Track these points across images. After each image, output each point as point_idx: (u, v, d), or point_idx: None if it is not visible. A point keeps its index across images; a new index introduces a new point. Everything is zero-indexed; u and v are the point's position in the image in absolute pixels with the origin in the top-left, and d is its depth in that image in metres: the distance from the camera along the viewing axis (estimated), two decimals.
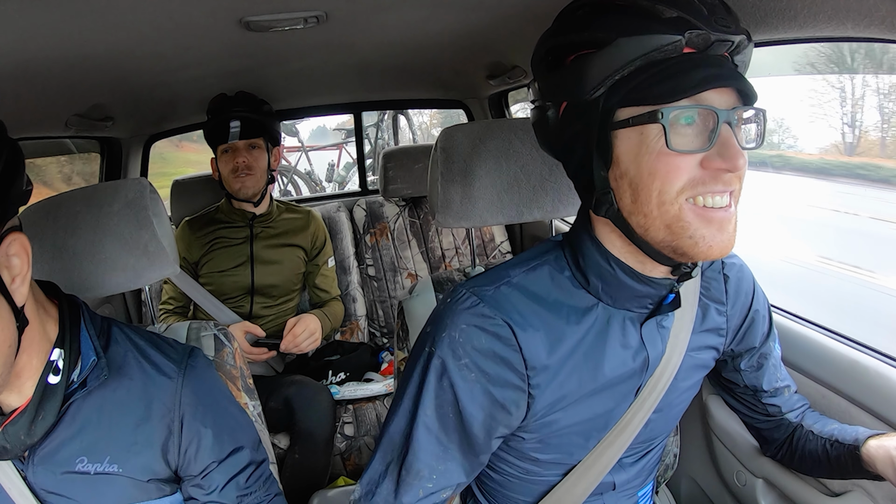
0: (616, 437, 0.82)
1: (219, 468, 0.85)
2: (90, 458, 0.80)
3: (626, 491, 0.92)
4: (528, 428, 0.80)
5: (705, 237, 0.67)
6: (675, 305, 0.78)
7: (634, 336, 0.79)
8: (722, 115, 0.65)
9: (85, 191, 1.06)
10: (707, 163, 0.65)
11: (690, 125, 0.65)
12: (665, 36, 0.64)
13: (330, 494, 1.59)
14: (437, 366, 0.75)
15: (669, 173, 0.65)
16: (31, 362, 0.74)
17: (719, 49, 0.66)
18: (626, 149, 0.68)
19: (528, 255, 0.82)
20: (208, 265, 1.90)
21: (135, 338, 0.86)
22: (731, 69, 0.66)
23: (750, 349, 0.93)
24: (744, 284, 0.91)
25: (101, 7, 0.92)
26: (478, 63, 1.88)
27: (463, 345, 0.74)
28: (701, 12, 0.64)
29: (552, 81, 0.73)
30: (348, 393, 2.03)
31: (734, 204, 0.68)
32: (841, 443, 0.88)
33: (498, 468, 0.88)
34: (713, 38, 0.64)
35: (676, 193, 0.66)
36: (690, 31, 0.64)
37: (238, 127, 1.78)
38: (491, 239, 2.45)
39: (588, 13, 0.69)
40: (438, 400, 0.76)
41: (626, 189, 0.69)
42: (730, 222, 0.68)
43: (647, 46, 0.64)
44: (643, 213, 0.68)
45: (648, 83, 0.65)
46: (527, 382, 0.76)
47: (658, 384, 0.81)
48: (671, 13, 0.64)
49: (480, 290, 0.77)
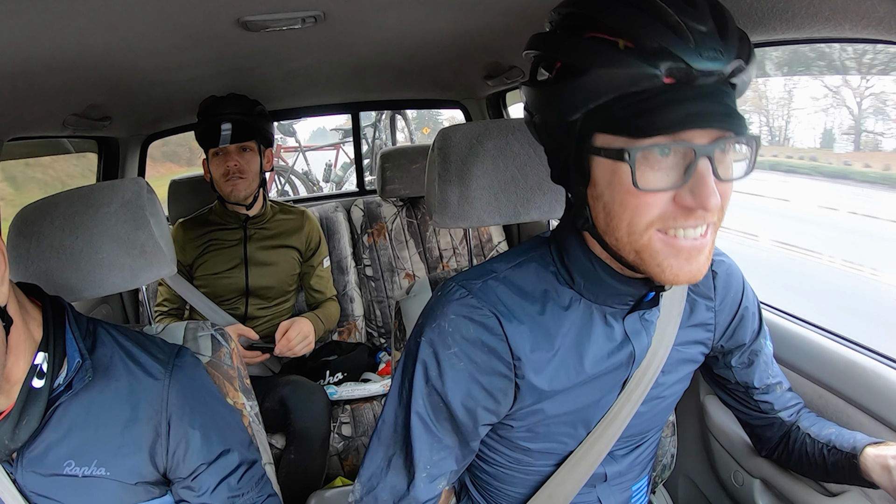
0: (605, 428, 0.84)
1: (208, 470, 0.84)
2: (78, 461, 0.79)
3: (618, 484, 0.92)
4: (516, 416, 0.81)
5: (672, 266, 0.66)
6: (653, 303, 0.79)
7: (619, 329, 0.80)
8: (700, 150, 0.61)
9: (82, 190, 1.06)
10: (679, 199, 0.63)
11: (666, 157, 0.63)
12: (642, 69, 0.60)
13: (327, 495, 1.58)
14: (428, 355, 0.77)
15: (639, 208, 0.64)
16: (18, 363, 0.74)
17: (706, 80, 0.61)
18: (601, 174, 0.67)
19: (515, 251, 0.84)
20: (202, 267, 1.89)
21: (121, 339, 0.86)
22: (720, 102, 0.62)
23: (740, 346, 0.94)
24: (733, 281, 0.91)
25: (98, 7, 0.91)
26: (475, 63, 1.88)
27: (452, 334, 0.76)
28: (686, 42, 0.59)
29: (533, 94, 0.72)
30: (346, 393, 2.02)
31: (711, 233, 0.67)
32: (838, 449, 0.88)
33: (490, 459, 0.89)
34: (696, 73, 0.60)
35: (646, 226, 0.65)
36: (670, 65, 0.59)
37: (229, 130, 1.75)
38: (488, 239, 2.45)
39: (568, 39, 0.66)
40: (429, 388, 0.78)
41: (601, 211, 0.69)
42: (701, 252, 0.66)
43: (623, 79, 0.61)
44: (615, 237, 0.69)
45: (624, 115, 0.62)
46: (513, 371, 0.78)
47: (644, 377, 0.83)
48: (652, 44, 0.60)
49: (469, 282, 0.79)
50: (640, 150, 0.61)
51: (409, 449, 0.78)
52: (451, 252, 2.46)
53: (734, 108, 0.63)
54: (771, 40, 0.94)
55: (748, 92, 0.71)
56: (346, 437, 1.96)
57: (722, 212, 0.67)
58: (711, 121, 0.61)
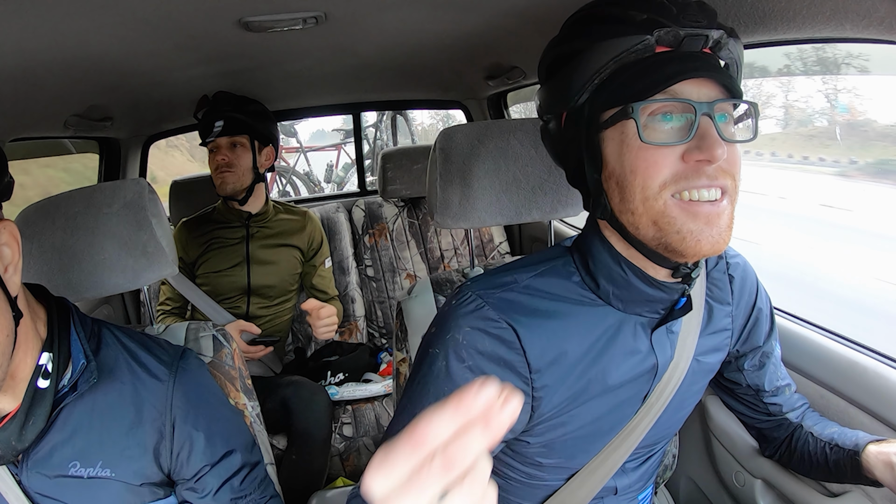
0: (621, 442, 0.82)
1: (212, 471, 0.84)
2: (83, 462, 0.79)
3: (627, 495, 0.91)
4: (533, 432, 0.79)
5: (692, 232, 0.66)
6: (686, 310, 0.77)
7: (644, 342, 0.78)
8: (699, 107, 0.65)
9: (83, 191, 1.06)
10: (687, 156, 0.66)
11: (669, 121, 0.67)
12: (634, 37, 0.66)
13: (329, 495, 1.58)
14: (441, 367, 0.74)
15: (649, 168, 0.66)
16: (25, 360, 0.74)
17: (694, 45, 0.67)
18: (611, 149, 0.70)
19: (535, 258, 0.82)
20: (205, 266, 1.90)
21: (125, 340, 0.86)
22: (710, 63, 0.67)
23: (754, 349, 0.93)
24: (748, 283, 0.90)
25: (99, 7, 0.91)
26: (477, 64, 1.88)
27: (466, 347, 0.73)
28: (670, 11, 0.66)
29: (546, 94, 0.76)
30: (347, 393, 2.03)
31: (727, 200, 0.67)
32: (840, 447, 0.88)
33: (500, 472, 0.88)
34: (682, 34, 0.66)
35: (659, 188, 0.66)
36: (658, 30, 0.66)
37: (221, 125, 1.79)
38: (490, 240, 2.45)
39: (571, 27, 0.74)
40: (442, 402, 0.75)
41: (615, 188, 0.70)
42: (719, 217, 0.66)
43: (619, 48, 0.67)
44: (630, 211, 0.69)
45: (625, 83, 0.67)
46: (531, 386, 0.75)
47: (665, 390, 0.81)
48: (641, 16, 0.67)
49: (486, 293, 0.76)
50: (642, 104, 0.66)
51: None
52: (453, 252, 2.46)
53: (726, 71, 0.69)
54: (772, 40, 0.94)
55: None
56: (348, 438, 1.96)
57: (735, 178, 0.68)
58: (703, 70, 0.66)
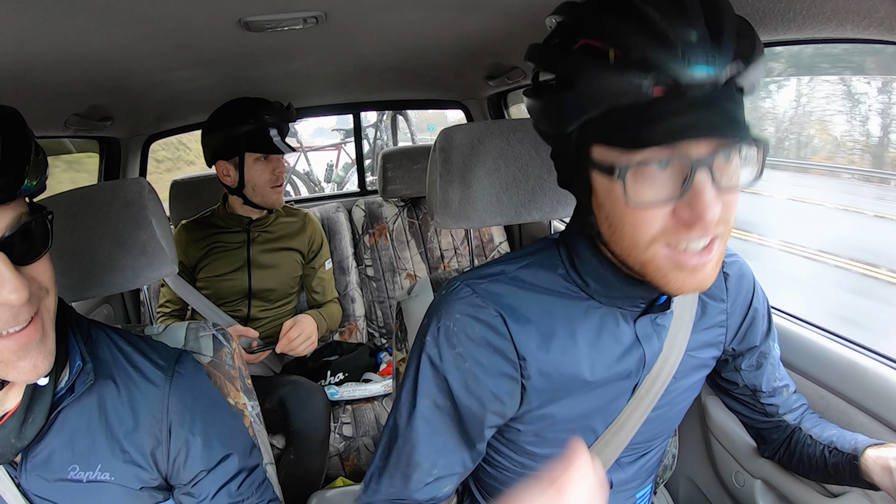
0: (614, 434, 0.83)
1: (209, 476, 0.84)
2: (82, 466, 0.79)
3: (623, 491, 0.91)
4: (523, 420, 0.80)
5: (677, 279, 0.65)
6: (665, 307, 0.78)
7: (628, 333, 0.79)
8: (697, 162, 0.59)
9: (83, 191, 1.06)
10: (677, 213, 0.61)
11: (664, 170, 0.60)
12: (628, 82, 0.57)
13: (328, 495, 1.58)
14: (433, 355, 0.77)
15: (637, 224, 0.63)
16: None
17: (700, 89, 0.58)
18: (600, 186, 0.66)
19: (523, 252, 0.83)
20: (205, 270, 1.89)
21: (121, 343, 0.85)
22: (717, 110, 0.58)
23: (751, 348, 0.93)
24: (744, 283, 0.90)
25: (100, 6, 0.91)
26: (477, 64, 1.88)
27: (457, 333, 0.75)
28: (673, 52, 0.56)
29: (532, 105, 0.72)
30: (347, 393, 2.03)
31: (718, 244, 0.65)
32: (839, 450, 0.88)
33: (495, 462, 0.88)
34: (684, 82, 0.57)
35: (649, 241, 0.64)
36: (657, 77, 0.57)
37: (278, 136, 1.74)
38: (490, 240, 2.45)
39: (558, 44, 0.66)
40: (435, 389, 0.77)
41: (605, 220, 0.68)
42: (705, 266, 0.64)
43: (611, 91, 0.59)
44: (619, 248, 0.68)
45: (617, 127, 0.60)
46: (520, 372, 0.77)
47: (656, 383, 0.81)
48: (637, 55, 0.57)
49: (475, 282, 0.78)
50: (631, 167, 0.60)
51: (415, 451, 0.77)
52: (453, 252, 2.46)
53: (734, 115, 0.60)
54: (772, 40, 0.94)
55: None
56: (348, 438, 1.96)
57: (728, 223, 0.64)
58: (707, 131, 0.58)
